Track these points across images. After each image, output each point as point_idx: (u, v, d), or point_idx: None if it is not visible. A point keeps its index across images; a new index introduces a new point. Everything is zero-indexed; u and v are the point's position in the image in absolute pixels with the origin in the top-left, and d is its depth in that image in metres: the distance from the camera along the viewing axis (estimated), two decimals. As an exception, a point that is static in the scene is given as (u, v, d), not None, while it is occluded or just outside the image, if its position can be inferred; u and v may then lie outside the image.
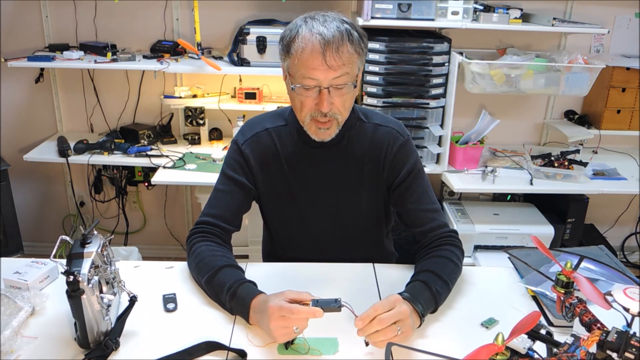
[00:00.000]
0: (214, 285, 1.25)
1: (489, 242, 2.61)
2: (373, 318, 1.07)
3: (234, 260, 1.32)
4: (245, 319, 1.20)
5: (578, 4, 2.74)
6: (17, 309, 1.19)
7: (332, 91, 1.27)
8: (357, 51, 1.27)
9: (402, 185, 1.43)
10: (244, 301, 1.19)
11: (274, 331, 1.09)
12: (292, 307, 1.08)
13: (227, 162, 1.46)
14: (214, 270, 1.26)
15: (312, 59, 1.23)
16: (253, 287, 1.23)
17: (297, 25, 1.27)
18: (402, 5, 2.33)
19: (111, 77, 2.85)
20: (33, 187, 3.09)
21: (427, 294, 1.21)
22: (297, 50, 1.25)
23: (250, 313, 1.18)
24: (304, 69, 1.25)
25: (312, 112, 1.31)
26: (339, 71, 1.25)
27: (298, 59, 1.25)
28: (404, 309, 1.10)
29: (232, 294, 1.21)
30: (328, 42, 1.22)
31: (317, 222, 1.50)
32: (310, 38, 1.23)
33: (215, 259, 1.29)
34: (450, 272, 1.30)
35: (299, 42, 1.24)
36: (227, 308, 1.23)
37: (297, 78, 1.27)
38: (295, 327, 1.08)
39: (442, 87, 2.50)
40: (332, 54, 1.23)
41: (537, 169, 2.52)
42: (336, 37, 1.23)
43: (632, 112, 2.73)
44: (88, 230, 1.12)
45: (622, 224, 3.21)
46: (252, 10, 2.74)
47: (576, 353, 0.89)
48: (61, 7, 2.72)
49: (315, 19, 1.26)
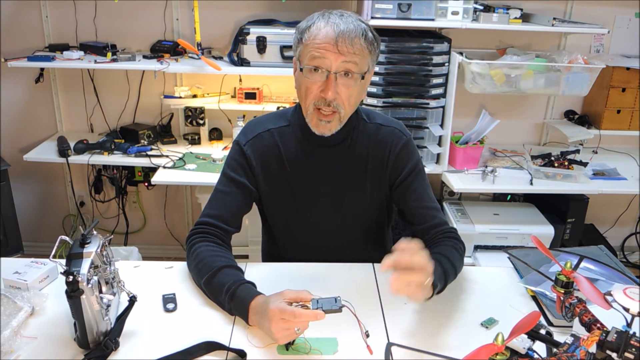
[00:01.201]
0: (213, 286, 1.25)
1: (489, 242, 2.61)
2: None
3: (233, 260, 1.32)
4: (244, 320, 1.20)
5: (578, 4, 2.74)
6: (16, 309, 1.19)
7: (339, 79, 1.28)
8: (369, 49, 1.28)
9: (404, 183, 1.44)
10: (243, 302, 1.19)
11: (275, 333, 1.09)
12: (294, 310, 1.08)
13: (228, 162, 1.46)
14: (213, 270, 1.26)
15: (324, 42, 1.25)
16: (252, 287, 1.23)
17: (314, 17, 1.30)
18: (402, 5, 2.33)
19: (111, 77, 2.85)
20: (33, 187, 3.09)
21: (439, 270, 1.22)
22: (310, 36, 1.27)
23: (250, 314, 1.18)
24: (315, 50, 1.26)
25: (317, 101, 1.31)
26: (349, 57, 1.25)
27: (310, 42, 1.26)
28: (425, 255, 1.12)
29: (231, 294, 1.21)
30: (342, 32, 1.24)
31: (319, 221, 1.50)
32: (325, 26, 1.26)
33: (214, 260, 1.29)
34: (456, 259, 1.33)
35: (313, 29, 1.27)
36: (226, 309, 1.23)
37: (307, 60, 1.28)
38: (296, 327, 1.08)
39: (442, 87, 2.50)
40: (344, 41, 1.24)
41: (537, 169, 2.52)
42: (351, 29, 1.25)
43: (632, 112, 2.74)
44: (88, 230, 1.12)
45: (622, 224, 3.21)
46: (252, 10, 2.74)
47: (576, 353, 0.89)
48: (61, 7, 2.72)
49: (333, 13, 1.28)
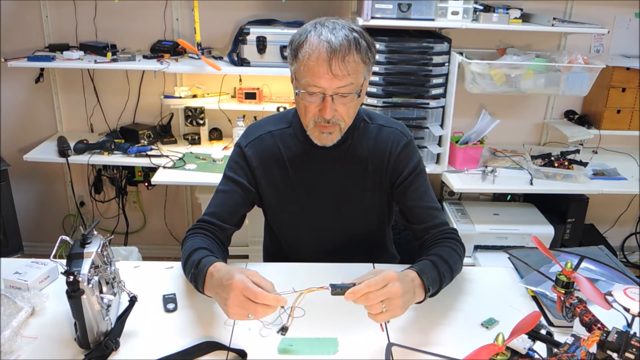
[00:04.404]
0: (188, 266, 1.25)
1: (489, 242, 2.62)
2: (364, 293, 1.06)
3: (214, 249, 1.32)
4: (200, 289, 1.18)
5: (578, 4, 2.74)
6: (17, 309, 1.19)
7: (336, 99, 1.28)
8: (363, 60, 1.27)
9: (404, 183, 1.44)
10: (202, 270, 1.17)
11: (230, 307, 1.06)
12: (257, 290, 1.04)
13: (229, 164, 1.47)
14: (190, 252, 1.26)
15: (317, 66, 1.24)
16: (216, 258, 1.21)
17: (306, 30, 1.28)
18: (402, 5, 2.33)
19: (111, 77, 2.85)
20: (33, 187, 3.09)
21: (434, 273, 1.23)
22: (304, 56, 1.25)
23: (207, 278, 1.15)
24: (310, 75, 1.25)
25: (316, 118, 1.32)
26: (344, 81, 1.25)
27: (304, 65, 1.26)
28: (395, 288, 1.08)
29: (196, 265, 1.20)
30: (335, 51, 1.22)
31: (320, 221, 1.50)
32: (317, 45, 1.24)
33: (194, 245, 1.29)
34: (454, 261, 1.32)
35: (306, 48, 1.25)
36: (193, 284, 1.22)
37: (302, 84, 1.28)
38: (250, 314, 1.05)
39: (442, 87, 2.50)
40: (337, 62, 1.23)
41: (537, 169, 2.52)
42: (343, 46, 1.23)
43: (632, 112, 2.74)
44: (88, 231, 1.12)
45: (622, 224, 3.21)
46: (252, 10, 2.74)
47: (576, 353, 0.89)
48: (61, 7, 2.72)
49: (325, 26, 1.26)
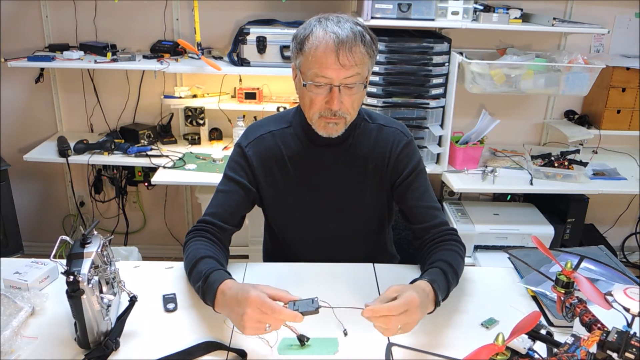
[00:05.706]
0: (194, 275, 1.25)
1: (489, 242, 2.61)
2: (383, 315, 1.06)
3: (219, 255, 1.31)
4: (210, 304, 1.17)
5: (578, 4, 2.74)
6: (17, 309, 1.19)
7: (343, 90, 1.28)
8: (368, 53, 1.29)
9: (405, 183, 1.44)
10: (212, 285, 1.16)
11: (246, 321, 1.06)
12: (275, 306, 1.06)
13: (229, 164, 1.47)
14: (195, 260, 1.26)
15: (325, 57, 1.24)
16: (226, 274, 1.21)
17: (311, 24, 1.29)
18: (402, 5, 2.33)
19: (111, 77, 2.85)
20: (33, 187, 3.09)
21: (444, 284, 1.23)
22: (310, 48, 1.26)
23: (218, 296, 1.15)
24: (317, 66, 1.26)
25: (322, 111, 1.32)
26: (351, 70, 1.26)
27: (312, 56, 1.26)
28: (415, 315, 1.08)
29: (204, 279, 1.19)
30: (342, 42, 1.23)
31: (320, 220, 1.50)
32: (324, 37, 1.25)
33: (199, 252, 1.29)
34: (458, 264, 1.33)
35: (312, 40, 1.26)
36: (201, 296, 1.21)
37: (309, 75, 1.28)
38: (268, 325, 1.06)
39: (442, 87, 2.50)
40: (345, 53, 1.24)
41: (537, 169, 2.52)
42: (350, 37, 1.24)
43: (632, 112, 2.74)
44: (88, 231, 1.12)
45: (622, 224, 3.21)
46: (252, 10, 2.74)
47: (576, 353, 0.89)
48: (61, 7, 2.72)
49: (330, 20, 1.28)
